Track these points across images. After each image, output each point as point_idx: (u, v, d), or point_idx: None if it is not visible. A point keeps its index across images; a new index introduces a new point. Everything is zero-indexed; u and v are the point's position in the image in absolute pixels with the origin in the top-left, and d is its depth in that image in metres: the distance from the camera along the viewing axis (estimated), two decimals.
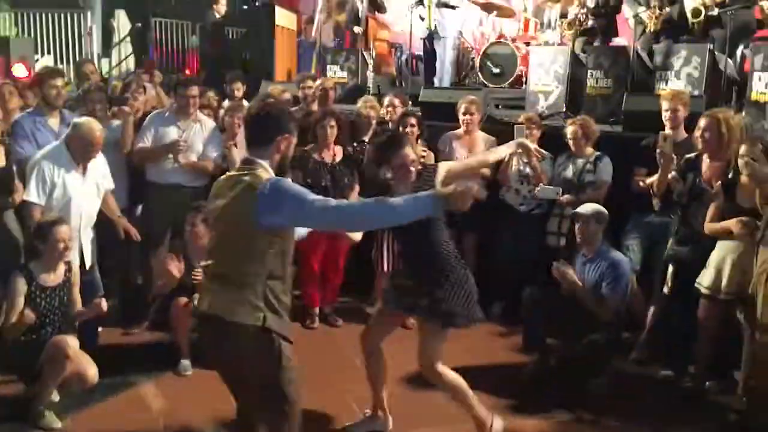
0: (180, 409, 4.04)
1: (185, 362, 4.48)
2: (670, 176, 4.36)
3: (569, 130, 5.13)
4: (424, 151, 5.38)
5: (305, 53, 9.93)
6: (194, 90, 5.23)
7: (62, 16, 11.13)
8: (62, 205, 4.29)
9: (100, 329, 4.78)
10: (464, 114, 5.48)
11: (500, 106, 7.04)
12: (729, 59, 6.08)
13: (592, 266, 4.43)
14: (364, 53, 7.92)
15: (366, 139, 5.68)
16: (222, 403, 4.05)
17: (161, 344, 4.84)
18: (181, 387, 4.32)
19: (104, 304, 4.06)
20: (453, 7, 7.90)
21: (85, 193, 4.40)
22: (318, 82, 6.20)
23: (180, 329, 4.52)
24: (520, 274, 5.28)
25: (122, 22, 11.03)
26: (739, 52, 6.25)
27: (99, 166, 4.53)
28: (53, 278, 4.01)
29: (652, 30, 6.63)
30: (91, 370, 3.90)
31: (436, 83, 7.82)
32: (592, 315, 4.31)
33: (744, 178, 3.90)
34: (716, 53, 6.06)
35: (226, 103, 6.33)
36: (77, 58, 10.37)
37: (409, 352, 3.65)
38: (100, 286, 4.65)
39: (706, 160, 4.27)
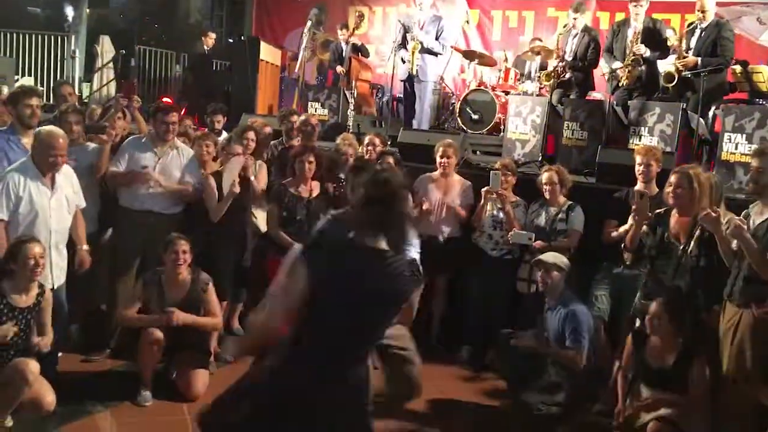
0: None
1: (146, 393, 4.39)
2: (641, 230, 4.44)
3: (544, 176, 5.20)
4: None
5: (288, 89, 10.02)
6: (173, 116, 5.22)
7: (46, 38, 11.13)
8: (29, 219, 4.20)
9: (60, 354, 4.67)
10: (441, 157, 5.54)
11: (477, 152, 7.13)
12: (701, 119, 6.23)
13: (554, 313, 4.53)
14: (346, 92, 8.00)
15: (343, 176, 5.70)
16: None
17: (122, 373, 4.75)
18: (139, 418, 4.21)
19: (46, 343, 3.98)
20: (436, 54, 8.03)
21: (53, 207, 4.31)
22: (303, 117, 6.23)
23: (148, 359, 4.44)
24: (489, 319, 5.28)
25: (106, 48, 11.04)
26: (711, 113, 6.43)
27: (69, 180, 4.46)
28: (24, 300, 3.92)
29: (624, 84, 6.78)
30: (49, 397, 3.81)
31: (415, 125, 7.91)
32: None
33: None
34: (689, 112, 6.21)
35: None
36: None
37: None
38: (65, 310, 4.55)
39: (675, 215, 4.33)
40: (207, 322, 4.63)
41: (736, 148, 5.57)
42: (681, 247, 4.20)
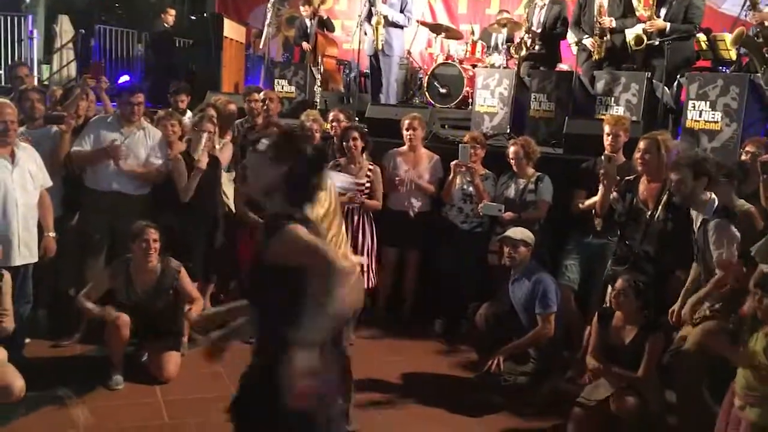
0: (109, 426, 3.90)
1: (117, 377, 4.34)
2: (611, 196, 4.48)
3: (511, 150, 5.22)
4: (371, 165, 5.41)
5: (253, 66, 9.90)
6: (139, 97, 5.12)
7: (2, 19, 10.80)
8: None
9: (27, 340, 4.60)
10: (407, 129, 5.52)
11: (446, 126, 7.13)
12: (666, 88, 6.29)
13: (520, 285, 4.59)
14: (312, 69, 7.92)
15: None
16: (153, 419, 3.99)
17: (92, 357, 4.69)
18: (111, 402, 4.16)
19: (6, 326, 3.91)
20: (401, 27, 7.97)
21: (16, 180, 4.22)
22: (261, 94, 6.15)
23: (115, 343, 4.39)
24: (461, 292, 5.32)
25: (65, 28, 10.77)
26: (676, 82, 6.49)
27: (32, 157, 4.38)
28: None
29: (596, 58, 6.83)
30: (18, 383, 3.75)
31: (383, 100, 7.87)
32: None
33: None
34: (654, 81, 6.26)
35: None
36: None
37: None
38: (30, 294, 4.47)
39: (644, 182, 4.38)
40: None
41: (701, 115, 5.64)
42: (648, 213, 4.26)
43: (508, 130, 6.51)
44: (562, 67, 7.88)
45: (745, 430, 3.21)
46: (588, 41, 6.88)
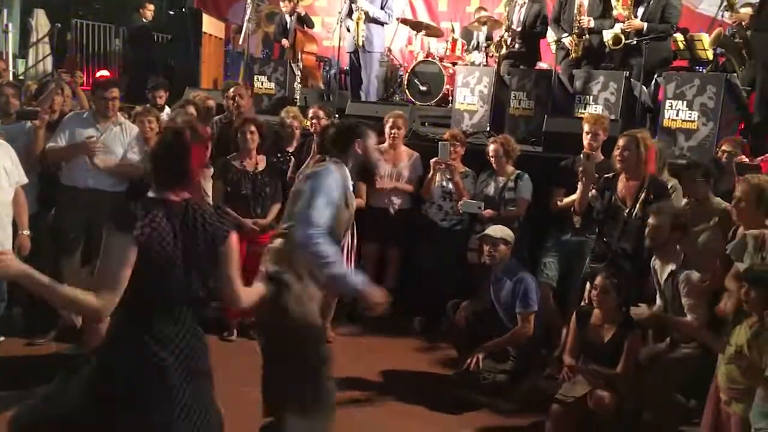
0: None
1: None
2: (590, 194, 4.50)
3: (491, 148, 5.23)
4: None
5: (233, 62, 9.85)
6: (114, 92, 5.05)
7: None
8: None
9: (1, 339, 4.53)
10: (392, 128, 5.51)
11: (426, 123, 7.13)
12: (644, 87, 6.34)
13: (500, 283, 4.60)
14: (292, 65, 7.88)
15: (291, 149, 5.63)
16: None
17: (68, 356, 4.62)
18: None
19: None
20: (382, 24, 7.95)
21: None
22: (231, 91, 6.08)
23: (93, 340, 4.33)
24: (440, 289, 5.32)
25: (41, 22, 10.61)
26: (653, 81, 6.55)
27: (6, 153, 4.31)
28: None
29: (573, 57, 6.87)
30: None
31: (363, 97, 7.85)
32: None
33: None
34: (632, 81, 6.31)
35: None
36: None
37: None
38: (4, 292, 4.41)
39: (622, 180, 4.41)
40: None
41: (677, 114, 5.69)
42: (626, 211, 4.29)
43: (488, 128, 6.53)
44: (542, 65, 7.92)
45: (736, 425, 3.24)
46: (567, 40, 6.91)
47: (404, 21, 9.28)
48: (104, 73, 9.97)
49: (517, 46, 7.45)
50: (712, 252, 3.92)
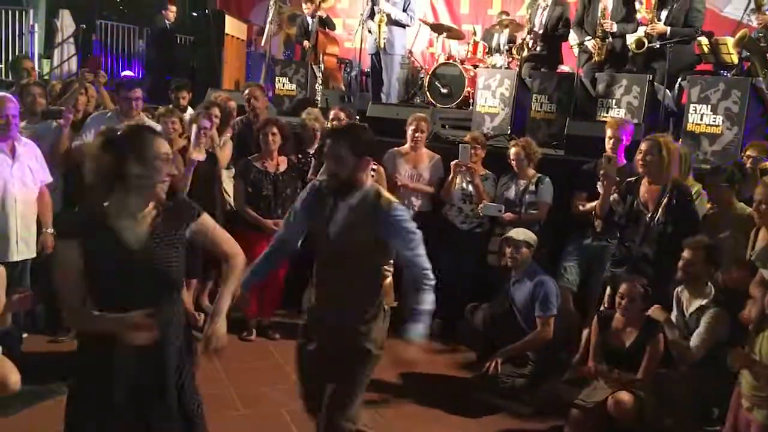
0: None
1: None
2: (611, 198, 4.47)
3: (512, 151, 5.21)
4: (374, 164, 5.38)
5: (255, 64, 9.89)
6: (137, 92, 5.12)
7: (3, 13, 10.77)
8: None
9: (24, 335, 4.58)
10: (415, 130, 5.49)
11: (446, 126, 7.13)
12: (668, 91, 6.28)
13: (521, 286, 4.59)
14: (313, 67, 7.91)
15: (311, 150, 5.65)
16: None
17: None
18: None
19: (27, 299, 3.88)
20: (404, 26, 7.96)
21: (15, 176, 4.21)
22: (246, 92, 6.11)
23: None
24: (459, 292, 5.30)
25: (66, 23, 10.72)
26: (677, 85, 6.49)
27: (32, 152, 4.37)
28: None
29: (596, 60, 6.83)
30: (14, 377, 3.71)
31: (384, 99, 7.86)
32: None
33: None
34: (655, 84, 6.25)
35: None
36: None
37: None
38: (28, 288, 4.45)
39: (645, 184, 4.37)
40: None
41: (702, 119, 5.63)
42: (649, 215, 4.25)
43: (509, 131, 6.50)
44: (564, 68, 7.88)
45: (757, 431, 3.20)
46: (590, 43, 6.87)
47: (426, 23, 9.29)
48: (128, 73, 10.08)
49: (538, 48, 7.42)
50: (737, 258, 3.88)
